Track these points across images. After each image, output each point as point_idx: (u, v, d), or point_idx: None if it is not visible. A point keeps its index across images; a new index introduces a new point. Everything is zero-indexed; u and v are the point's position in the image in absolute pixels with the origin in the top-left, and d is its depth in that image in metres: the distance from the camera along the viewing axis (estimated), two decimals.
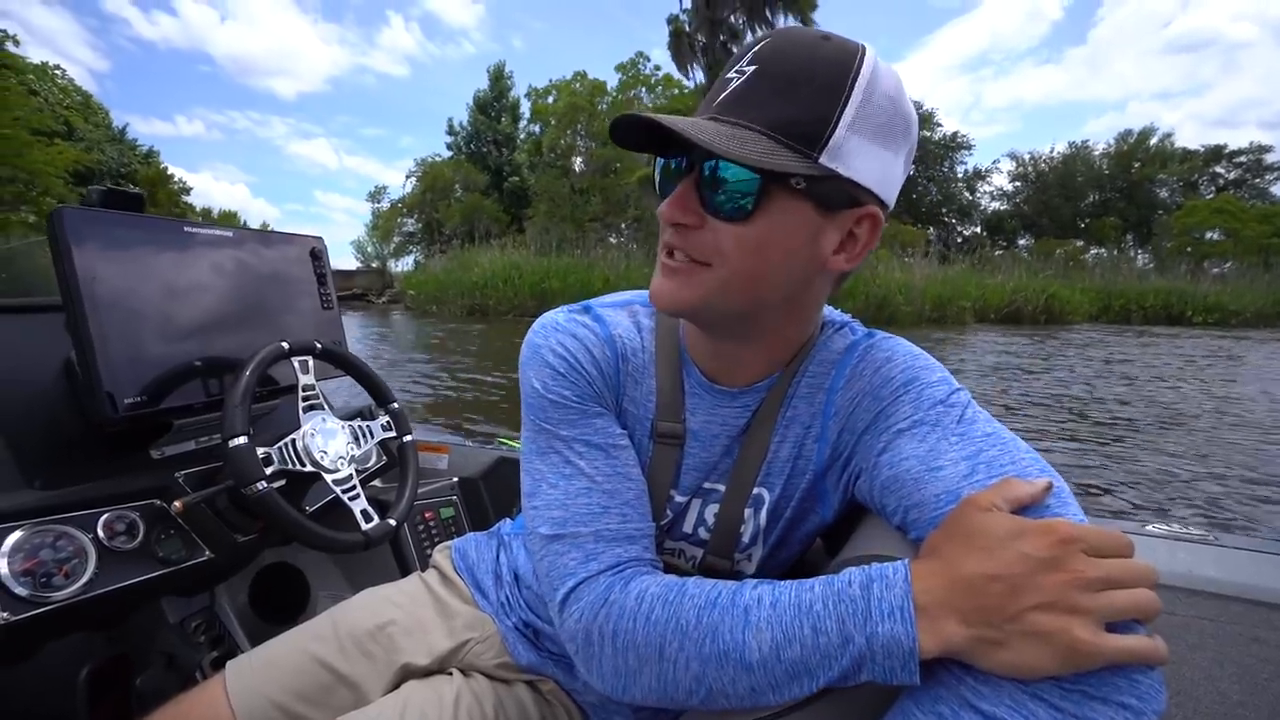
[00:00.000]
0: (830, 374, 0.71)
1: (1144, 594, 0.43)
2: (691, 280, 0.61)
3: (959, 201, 42.72)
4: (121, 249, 1.03)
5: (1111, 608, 0.43)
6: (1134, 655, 0.42)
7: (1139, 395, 7.83)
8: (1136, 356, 11.92)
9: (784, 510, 0.75)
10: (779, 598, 0.53)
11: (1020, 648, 0.43)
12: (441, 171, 32.59)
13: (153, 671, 1.23)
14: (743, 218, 0.57)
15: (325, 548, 1.06)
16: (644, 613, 0.57)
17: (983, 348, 12.90)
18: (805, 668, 0.50)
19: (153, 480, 1.07)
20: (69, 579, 0.90)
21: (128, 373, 1.01)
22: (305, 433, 1.10)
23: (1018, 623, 0.44)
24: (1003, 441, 0.57)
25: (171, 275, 1.10)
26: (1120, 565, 0.44)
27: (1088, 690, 0.43)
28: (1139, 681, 0.43)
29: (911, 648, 0.46)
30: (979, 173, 43.48)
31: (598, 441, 0.69)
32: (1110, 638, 0.42)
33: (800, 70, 0.54)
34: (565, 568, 0.63)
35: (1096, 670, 0.42)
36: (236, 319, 1.20)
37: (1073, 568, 0.44)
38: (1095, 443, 5.42)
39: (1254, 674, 0.85)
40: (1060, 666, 0.42)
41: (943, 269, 21.33)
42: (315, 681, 0.86)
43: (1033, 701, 0.43)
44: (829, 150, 0.54)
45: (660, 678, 0.56)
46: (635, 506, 0.68)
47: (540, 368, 0.71)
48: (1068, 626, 0.42)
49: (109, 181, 19.41)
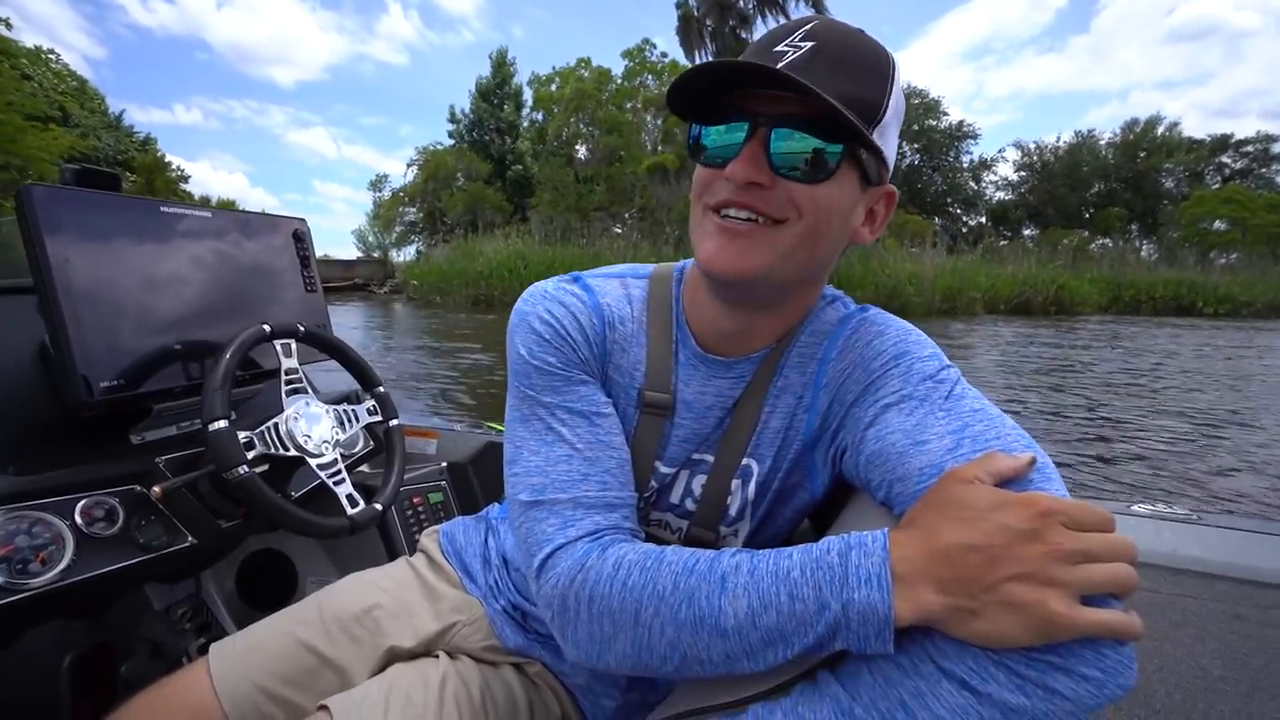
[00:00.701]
0: (823, 344, 0.72)
1: (1122, 568, 0.43)
2: (761, 241, 0.61)
3: (964, 191, 42.41)
4: (96, 229, 1.00)
5: (1088, 581, 0.43)
6: (1108, 628, 0.42)
7: (1216, 388, 7.74)
8: (1173, 347, 11.74)
9: (772, 483, 0.75)
10: (757, 565, 0.53)
11: (995, 618, 0.44)
12: (444, 160, 32.30)
13: (138, 659, 1.22)
14: (823, 178, 0.58)
15: (310, 532, 1.06)
16: (620, 579, 0.57)
17: (1013, 339, 12.70)
18: (780, 634, 0.50)
19: (132, 465, 1.05)
20: (46, 566, 0.88)
21: (104, 356, 0.99)
22: (288, 417, 1.09)
23: (994, 593, 0.44)
24: (989, 417, 0.57)
25: (149, 256, 1.08)
26: (1099, 539, 0.44)
27: (1053, 661, 0.43)
28: (1106, 655, 0.43)
29: (887, 615, 0.46)
30: (984, 162, 43.14)
31: (581, 409, 0.69)
32: (1085, 611, 0.42)
33: (854, 52, 0.58)
34: (543, 534, 0.63)
35: (1061, 644, 0.43)
36: (217, 301, 1.18)
37: (1051, 540, 0.44)
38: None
39: (1235, 649, 0.88)
40: (1033, 637, 0.43)
41: (951, 259, 21.14)
42: (300, 665, 0.85)
43: (996, 668, 0.44)
44: (879, 129, 0.58)
45: (635, 644, 0.56)
46: (616, 475, 0.68)
47: (526, 334, 0.71)
48: (1043, 598, 0.42)
49: (106, 168, 19.31)
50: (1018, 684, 0.43)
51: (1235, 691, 0.87)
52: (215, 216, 1.21)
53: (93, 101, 37.02)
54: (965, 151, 41.74)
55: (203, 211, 1.18)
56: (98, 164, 8.59)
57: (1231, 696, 0.87)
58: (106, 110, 37.80)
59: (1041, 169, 42.72)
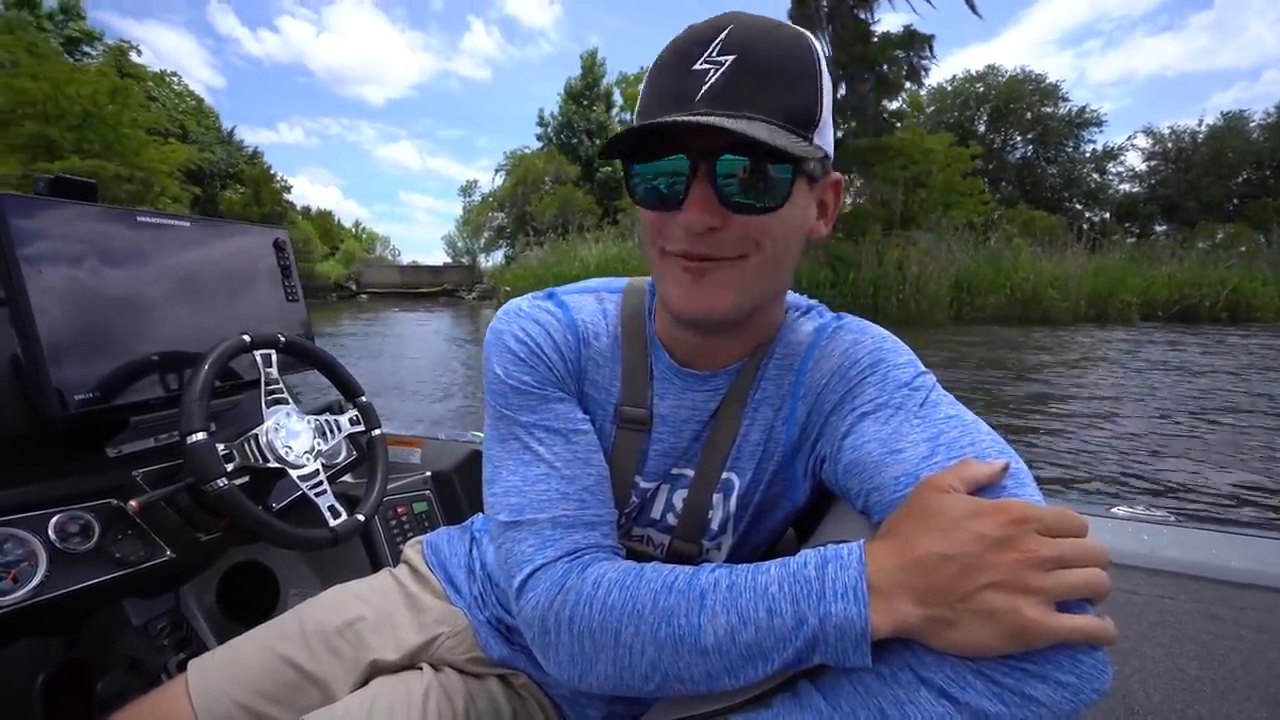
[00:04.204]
0: (800, 355, 0.72)
1: (1095, 574, 0.44)
2: (726, 278, 0.60)
3: (1085, 184, 38.73)
4: (70, 239, 0.99)
5: (1062, 586, 0.43)
6: (1083, 634, 0.43)
7: None
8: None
9: (753, 495, 0.74)
10: (735, 580, 0.53)
11: (971, 627, 0.44)
12: (533, 163, 32.15)
13: (115, 676, 1.18)
14: (776, 207, 0.57)
15: (291, 544, 1.04)
16: (600, 598, 0.56)
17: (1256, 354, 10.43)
18: (760, 650, 0.50)
19: (109, 479, 1.04)
20: (17, 583, 0.87)
21: (78, 368, 0.97)
22: (268, 428, 1.08)
23: (970, 602, 0.44)
24: (964, 424, 0.57)
25: (126, 266, 1.06)
26: (1073, 545, 0.45)
27: (1029, 669, 0.43)
28: (1081, 660, 0.43)
29: (864, 628, 0.46)
30: (1110, 151, 39.14)
31: (557, 427, 0.68)
32: (1060, 617, 0.43)
33: (778, 58, 0.55)
34: (522, 554, 0.62)
35: (1037, 651, 0.43)
36: (196, 312, 1.17)
37: (1025, 546, 0.44)
38: None
39: (1211, 649, 0.89)
40: (1009, 645, 0.43)
41: (1094, 259, 18.82)
42: (281, 680, 0.84)
43: (975, 676, 0.44)
44: (818, 130, 0.57)
45: (616, 664, 0.55)
46: (595, 493, 0.67)
47: (502, 353, 0.71)
48: (1018, 606, 0.43)
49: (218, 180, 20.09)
50: (995, 692, 0.43)
51: (1212, 691, 0.88)
52: (194, 226, 1.20)
53: (208, 119, 39.26)
54: (1088, 140, 38.15)
55: (180, 220, 1.17)
56: (211, 176, 8.25)
57: (1209, 696, 0.88)
58: (220, 127, 40.08)
59: (1177, 157, 38.33)
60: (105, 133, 21.77)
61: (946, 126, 34.93)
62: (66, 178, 1.03)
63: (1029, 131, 38.40)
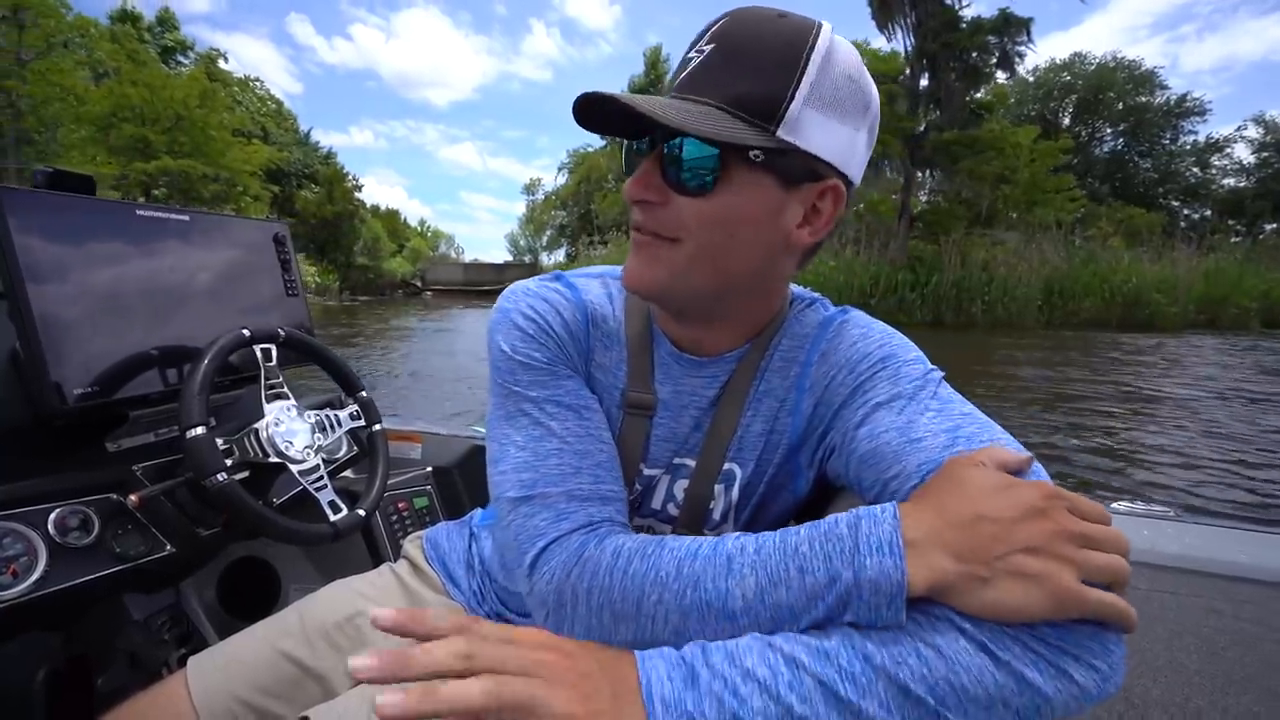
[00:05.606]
0: (804, 348, 0.72)
1: (1119, 560, 0.44)
2: (660, 257, 0.61)
3: (1184, 179, 35.94)
4: (70, 232, 0.98)
5: (1091, 564, 0.43)
6: (1113, 610, 0.43)
7: None
8: None
9: (756, 486, 0.74)
10: (763, 544, 0.52)
11: (1007, 587, 0.43)
12: (596, 162, 32.10)
13: (115, 671, 1.17)
14: (705, 192, 0.58)
15: (292, 540, 1.03)
16: (620, 567, 0.55)
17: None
18: (790, 611, 0.49)
19: (108, 474, 1.03)
20: (17, 578, 0.86)
21: (77, 362, 0.96)
22: (268, 423, 1.08)
23: (1006, 562, 0.44)
24: (980, 420, 0.58)
25: (125, 260, 1.06)
26: (1100, 529, 0.45)
27: (1065, 646, 0.43)
28: (1112, 650, 0.43)
29: (901, 580, 0.45)
30: (1215, 143, 36.08)
31: (569, 402, 0.67)
32: (1092, 590, 0.43)
33: (754, 45, 0.55)
34: (535, 529, 0.60)
35: (1074, 629, 0.43)
36: (195, 306, 1.16)
37: (1060, 520, 0.44)
38: None
39: (1211, 643, 0.89)
40: (1044, 609, 0.42)
41: (1204, 261, 17.32)
42: (281, 676, 0.84)
43: (1014, 641, 0.43)
44: (786, 124, 0.55)
45: (638, 635, 0.54)
46: (608, 469, 0.66)
47: (509, 330, 0.69)
48: (1055, 571, 0.43)
49: (295, 179, 20.74)
50: (1033, 659, 0.42)
51: (1211, 685, 0.88)
52: (194, 219, 1.19)
53: (287, 121, 41.22)
54: (1189, 131, 35.35)
55: (180, 214, 1.16)
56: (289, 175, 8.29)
57: (1208, 690, 0.88)
58: (298, 129, 41.90)
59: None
60: (195, 134, 22.95)
61: (1028, 119, 32.90)
62: (64, 171, 1.03)
63: (1120, 123, 35.95)
